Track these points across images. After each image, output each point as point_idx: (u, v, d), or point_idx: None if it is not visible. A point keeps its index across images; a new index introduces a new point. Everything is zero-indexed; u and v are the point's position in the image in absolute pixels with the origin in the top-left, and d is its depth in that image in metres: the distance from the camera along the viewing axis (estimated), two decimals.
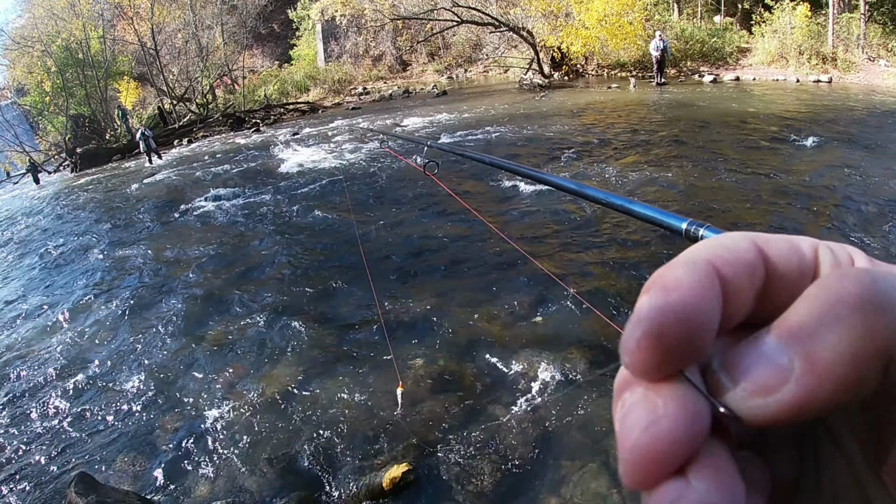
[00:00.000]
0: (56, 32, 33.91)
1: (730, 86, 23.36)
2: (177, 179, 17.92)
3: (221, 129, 30.43)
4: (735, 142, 13.22)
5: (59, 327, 8.41)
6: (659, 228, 0.99)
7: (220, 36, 38.41)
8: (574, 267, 6.41)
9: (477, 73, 37.90)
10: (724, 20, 28.76)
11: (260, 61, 46.25)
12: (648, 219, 1.05)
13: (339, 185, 13.22)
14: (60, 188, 23.16)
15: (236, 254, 10.06)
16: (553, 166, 12.41)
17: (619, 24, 26.60)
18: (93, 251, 11.74)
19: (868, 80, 22.27)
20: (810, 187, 9.88)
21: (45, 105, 34.65)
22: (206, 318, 7.78)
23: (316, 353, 6.43)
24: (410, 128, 19.96)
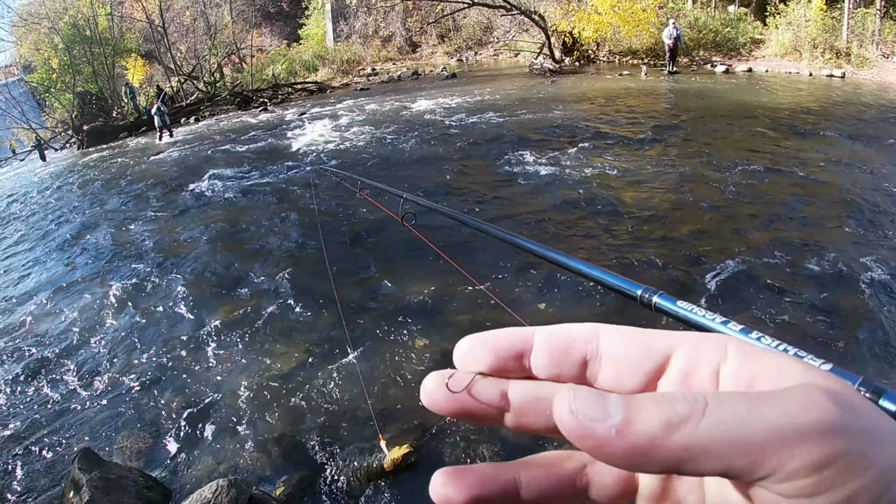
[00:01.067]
0: (63, 9, 33.71)
1: (742, 77, 23.21)
2: (183, 158, 17.88)
3: (229, 108, 30.32)
4: (746, 134, 13.14)
5: (63, 305, 8.44)
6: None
7: (229, 14, 38.22)
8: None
9: (487, 56, 37.70)
10: (739, 10, 28.48)
11: (268, 40, 46.03)
12: (605, 283, 1.08)
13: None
14: (67, 165, 23.14)
15: (241, 233, 10.05)
16: (562, 154, 12.32)
17: (632, 11, 26.40)
18: (98, 229, 11.73)
19: (881, 76, 22.05)
20: (820, 183, 9.83)
21: (52, 82, 34.50)
22: (210, 297, 7.78)
23: (320, 336, 6.44)
24: (419, 111, 19.89)
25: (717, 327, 0.67)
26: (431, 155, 13.52)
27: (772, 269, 6.87)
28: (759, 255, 7.17)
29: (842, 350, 5.28)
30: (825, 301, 6.13)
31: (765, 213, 8.59)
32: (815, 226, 8.15)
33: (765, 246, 7.46)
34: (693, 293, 6.39)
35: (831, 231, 7.92)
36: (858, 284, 6.43)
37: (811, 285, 6.50)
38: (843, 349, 5.29)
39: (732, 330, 0.64)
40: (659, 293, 0.84)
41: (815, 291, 6.35)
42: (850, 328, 5.59)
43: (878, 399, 0.48)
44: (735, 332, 0.62)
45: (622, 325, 0.42)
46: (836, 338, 5.47)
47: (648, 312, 0.79)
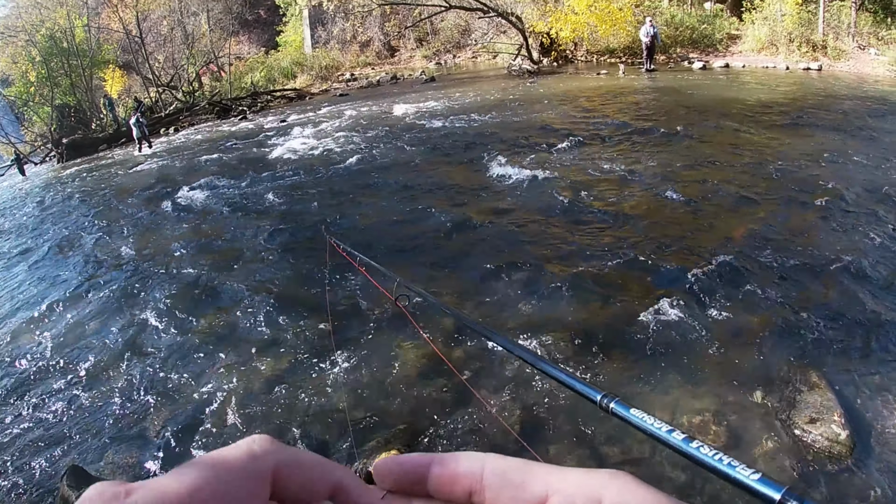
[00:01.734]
0: (40, 21, 33.54)
1: (719, 73, 23.35)
2: (163, 169, 17.80)
3: (208, 117, 30.23)
4: (724, 129, 13.21)
5: (46, 320, 8.34)
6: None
7: (206, 22, 38.16)
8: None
9: (465, 58, 37.79)
10: (715, 6, 28.66)
11: (246, 48, 45.97)
12: (569, 386, 1.19)
13: (318, 178, 13.17)
14: (47, 179, 22.99)
15: (223, 243, 9.99)
16: (541, 154, 12.34)
17: (608, 10, 26.54)
18: (80, 243, 11.65)
19: (858, 68, 22.24)
20: (799, 175, 9.88)
21: (30, 95, 34.29)
22: (194, 309, 7.72)
23: (303, 344, 6.41)
24: (399, 115, 19.86)
25: (662, 435, 0.78)
26: (409, 160, 13.51)
27: (751, 264, 6.89)
28: (739, 252, 7.18)
29: (819, 349, 5.31)
30: (806, 296, 6.15)
31: (745, 209, 8.61)
32: (796, 220, 8.17)
33: (744, 242, 7.47)
34: (674, 290, 6.41)
35: (812, 225, 7.95)
36: (839, 279, 6.46)
37: (791, 280, 6.52)
38: (818, 347, 5.32)
39: (675, 439, 0.75)
40: (615, 399, 0.94)
41: (796, 287, 6.37)
42: (827, 327, 5.61)
43: None
44: (679, 440, 0.74)
45: (509, 460, 0.46)
46: (811, 336, 5.49)
47: None
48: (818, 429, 4.24)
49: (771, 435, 4.31)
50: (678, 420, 4.53)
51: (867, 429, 4.31)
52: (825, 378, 4.74)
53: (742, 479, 0.63)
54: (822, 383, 4.66)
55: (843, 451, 4.09)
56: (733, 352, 5.27)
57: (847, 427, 4.22)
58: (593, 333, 5.79)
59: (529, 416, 4.90)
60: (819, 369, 4.89)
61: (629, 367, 5.24)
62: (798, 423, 4.33)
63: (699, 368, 5.09)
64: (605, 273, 7.05)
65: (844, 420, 4.27)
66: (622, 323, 5.94)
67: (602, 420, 4.59)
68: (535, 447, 4.60)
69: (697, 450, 0.70)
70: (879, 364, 5.01)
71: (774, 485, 0.59)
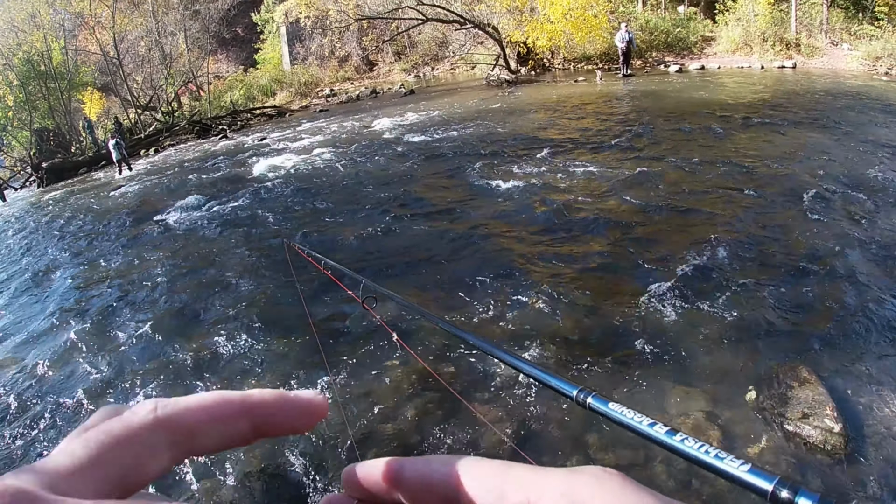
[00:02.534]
0: (17, 45, 33.42)
1: (695, 75, 23.55)
2: (144, 191, 17.71)
3: (188, 137, 30.09)
4: (701, 130, 13.31)
5: (30, 348, 8.23)
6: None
7: (184, 42, 38.08)
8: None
9: (444, 70, 37.90)
10: (688, 10, 28.95)
11: (225, 66, 45.96)
12: (543, 382, 1.14)
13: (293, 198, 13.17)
14: (28, 204, 22.81)
15: (204, 264, 9.93)
16: (522, 163, 12.37)
17: (583, 18, 26.71)
18: (61, 269, 11.56)
19: (832, 64, 22.54)
20: (780, 172, 9.96)
21: (9, 120, 34.16)
22: (178, 331, 7.66)
23: (292, 363, 6.38)
24: (379, 129, 19.87)
25: (644, 429, 0.74)
26: (390, 174, 13.51)
27: (736, 263, 6.93)
28: (724, 251, 7.21)
29: (801, 343, 5.35)
30: (791, 293, 6.18)
31: (728, 208, 8.65)
32: (779, 217, 8.21)
33: (729, 241, 7.49)
34: (660, 292, 6.44)
35: (796, 221, 8.00)
36: (824, 274, 6.51)
37: (772, 277, 6.56)
38: (807, 343, 5.36)
39: (658, 432, 0.72)
40: (593, 394, 0.91)
41: (781, 283, 6.40)
42: (814, 321, 5.65)
43: (795, 497, 0.52)
44: (662, 433, 0.71)
45: (486, 464, 0.43)
46: (799, 332, 5.53)
47: None
48: (811, 423, 4.26)
49: (764, 432, 4.34)
50: (671, 420, 4.54)
51: (860, 421, 4.34)
52: (815, 373, 4.77)
53: (731, 471, 0.60)
54: (812, 378, 4.68)
55: (838, 444, 4.11)
56: (723, 351, 5.30)
57: (840, 420, 4.24)
58: (582, 338, 5.83)
59: (509, 412, 4.93)
60: (809, 364, 4.92)
61: (619, 369, 5.25)
62: (791, 419, 4.35)
63: (690, 369, 5.13)
64: (590, 278, 7.08)
65: (837, 413, 4.29)
66: (610, 326, 5.97)
67: (584, 415, 4.62)
68: (521, 446, 4.63)
69: (682, 443, 0.67)
70: (869, 356, 5.05)
71: (765, 475, 0.57)
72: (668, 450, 0.70)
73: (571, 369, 5.35)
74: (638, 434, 0.76)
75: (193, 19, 40.16)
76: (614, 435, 4.48)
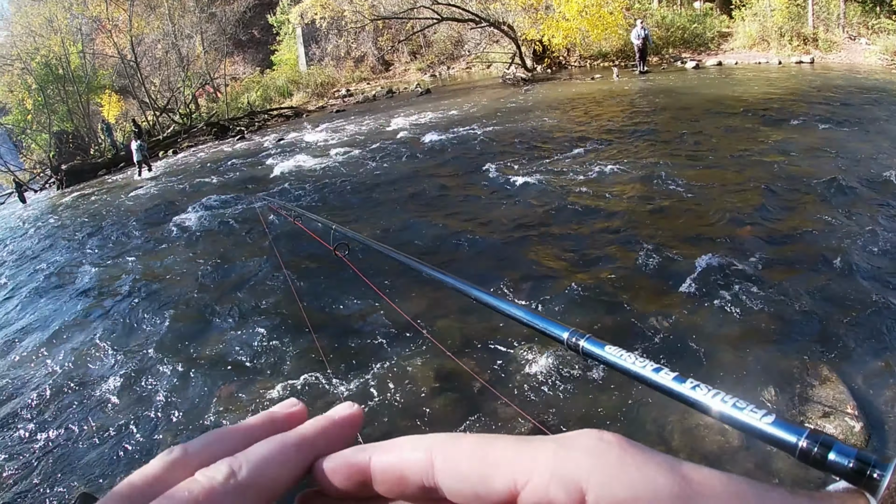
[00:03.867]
0: (35, 49, 33.69)
1: (712, 71, 23.38)
2: (162, 192, 17.82)
3: (206, 139, 30.34)
4: (720, 127, 13.21)
5: (49, 347, 8.29)
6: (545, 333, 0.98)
7: (201, 44, 38.28)
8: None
9: (460, 69, 37.87)
10: (704, 6, 28.78)
11: (241, 68, 46.14)
12: (531, 325, 1.05)
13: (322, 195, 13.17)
14: (47, 206, 23.02)
15: (226, 267, 9.93)
16: (538, 161, 12.32)
17: (599, 15, 26.58)
18: (80, 269, 11.63)
19: (850, 59, 22.33)
20: (796, 168, 9.87)
21: (28, 123, 34.47)
22: (199, 334, 7.68)
23: (310, 364, 6.36)
24: (395, 129, 19.89)
25: (647, 375, 0.66)
26: (407, 173, 13.51)
27: (756, 261, 6.87)
28: (744, 249, 7.15)
29: (822, 341, 5.28)
30: (813, 291, 6.10)
31: (748, 205, 8.53)
32: (801, 214, 8.13)
33: (750, 239, 7.43)
34: (680, 291, 6.41)
35: (817, 218, 7.90)
36: (844, 272, 6.42)
37: (793, 275, 6.49)
38: (828, 341, 5.30)
39: (665, 378, 0.62)
40: (587, 337, 0.82)
41: (802, 281, 6.33)
42: (835, 320, 5.57)
43: (828, 452, 0.44)
44: (668, 379, 0.61)
45: (463, 443, 0.40)
46: (820, 330, 5.46)
47: None
48: (832, 422, 4.24)
49: None
50: (687, 420, 4.50)
51: (881, 419, 4.30)
52: (836, 371, 4.74)
53: (752, 423, 0.52)
54: (833, 377, 4.65)
55: (859, 444, 4.03)
56: (743, 349, 5.27)
57: (861, 419, 4.21)
58: (598, 336, 5.77)
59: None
60: (830, 363, 4.89)
61: None
62: (811, 418, 4.33)
63: (709, 366, 5.11)
64: (607, 275, 7.05)
65: (858, 412, 4.26)
66: (628, 323, 5.95)
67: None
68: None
69: (693, 390, 0.58)
70: (891, 355, 5.01)
71: (793, 427, 0.49)
72: (678, 399, 0.60)
73: (582, 369, 5.32)
74: (640, 381, 0.68)
75: (210, 22, 40.36)
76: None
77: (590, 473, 0.34)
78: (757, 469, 3.98)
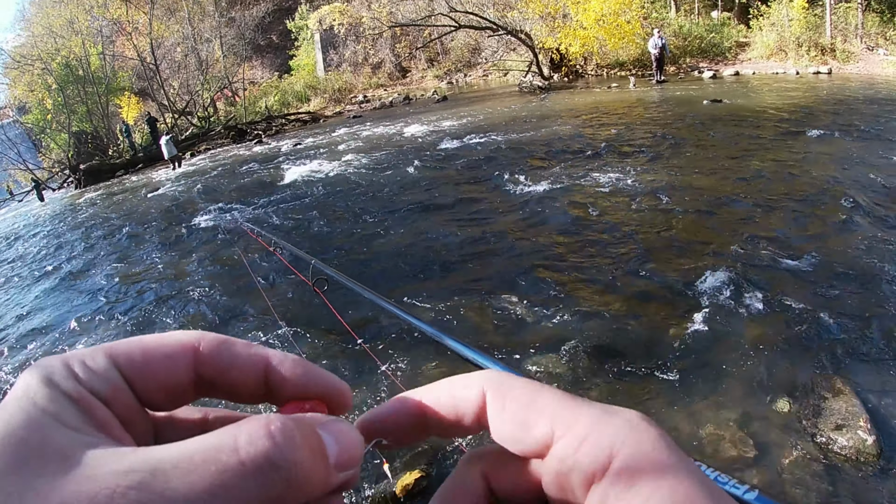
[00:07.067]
0: (56, 50, 34.01)
1: (730, 81, 23.36)
2: (180, 193, 17.94)
3: (224, 142, 30.57)
4: (738, 137, 13.19)
5: (65, 345, 8.36)
6: None
7: (220, 49, 38.54)
8: None
9: (476, 77, 37.97)
10: (722, 15, 28.82)
11: (260, 73, 46.43)
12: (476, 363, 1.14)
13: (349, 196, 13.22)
14: (65, 205, 23.20)
15: (237, 268, 9.94)
16: (556, 171, 12.33)
17: (616, 24, 26.64)
18: (98, 268, 11.72)
19: (867, 69, 22.30)
20: (817, 181, 9.82)
21: (48, 123, 34.76)
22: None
23: (322, 363, 6.35)
24: (412, 136, 20.01)
25: None
26: (423, 180, 13.53)
27: (771, 272, 6.83)
28: (759, 260, 7.12)
29: (836, 354, 5.24)
30: (826, 303, 6.06)
31: (764, 217, 8.48)
32: (816, 226, 8.06)
33: (765, 250, 7.37)
34: (694, 301, 6.39)
35: (832, 230, 7.84)
36: (858, 284, 6.37)
37: (806, 288, 6.43)
38: (841, 353, 5.26)
39: None
40: None
41: (816, 293, 6.28)
42: (849, 332, 5.52)
43: None
44: None
45: (515, 382, 0.40)
46: (833, 342, 5.41)
47: None
48: (844, 435, 4.22)
49: (797, 444, 4.29)
50: (701, 432, 4.52)
51: (894, 434, 4.29)
52: (849, 384, 4.73)
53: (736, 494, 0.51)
54: (846, 389, 4.64)
55: (871, 458, 4.07)
56: (755, 361, 5.25)
57: (873, 432, 4.20)
58: (612, 348, 5.81)
59: None
60: (843, 375, 4.88)
61: (648, 378, 5.25)
62: (823, 431, 4.31)
63: (721, 378, 5.10)
64: (619, 286, 7.06)
65: (871, 425, 4.25)
66: (641, 336, 5.95)
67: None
68: None
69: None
70: None
71: (769, 502, 0.49)
72: None
73: (598, 379, 5.35)
74: None
75: (229, 26, 40.66)
76: None
77: (624, 444, 0.34)
78: (768, 487, 4.01)
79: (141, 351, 0.39)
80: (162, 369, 0.39)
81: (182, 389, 0.40)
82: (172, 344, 0.40)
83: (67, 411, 0.33)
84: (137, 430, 0.38)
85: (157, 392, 0.39)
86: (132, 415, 0.38)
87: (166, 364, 0.39)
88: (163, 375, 0.39)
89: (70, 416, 0.33)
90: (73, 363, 0.36)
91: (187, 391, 0.41)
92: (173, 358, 0.40)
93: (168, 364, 0.39)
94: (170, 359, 0.40)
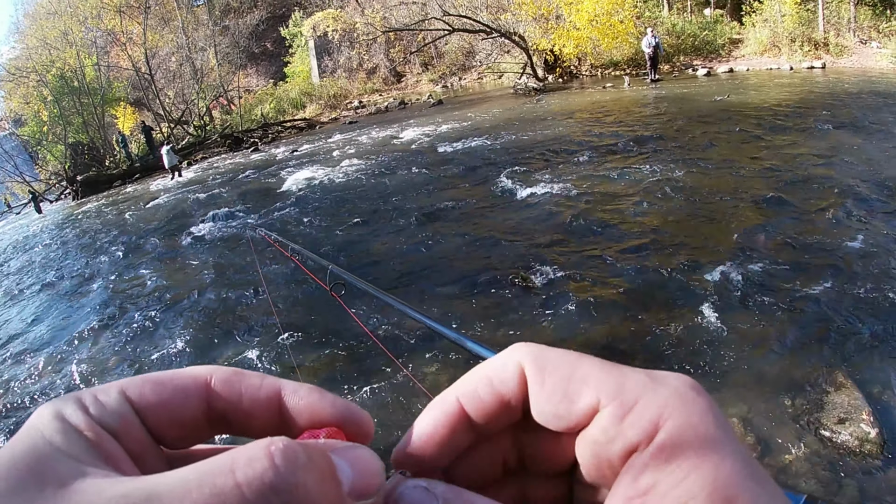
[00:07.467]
0: (50, 62, 34.07)
1: (724, 78, 23.37)
2: (177, 203, 17.91)
3: (220, 150, 30.59)
4: (733, 134, 13.21)
5: (64, 356, 8.32)
6: None
7: (214, 57, 38.60)
8: None
9: (471, 80, 37.97)
10: (715, 13, 28.80)
11: (255, 80, 46.46)
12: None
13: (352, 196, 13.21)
14: (63, 217, 23.19)
15: (238, 278, 9.95)
16: (553, 172, 12.34)
17: (609, 24, 26.68)
18: (96, 279, 11.70)
19: (861, 62, 22.35)
20: (811, 175, 9.84)
21: (44, 134, 34.71)
22: (211, 346, 7.70)
23: (326, 374, 6.37)
24: (408, 140, 20.00)
25: None
26: (421, 184, 13.52)
27: (770, 268, 6.82)
28: (758, 256, 7.11)
29: (838, 348, 5.25)
30: (827, 297, 6.07)
31: (762, 213, 8.47)
32: (815, 221, 8.04)
33: (764, 246, 7.38)
34: (694, 298, 6.39)
35: (831, 225, 7.83)
36: (857, 278, 6.39)
37: (807, 283, 6.42)
38: (843, 347, 5.27)
39: None
40: None
41: (816, 288, 6.27)
42: (850, 327, 5.51)
43: None
44: None
45: (555, 356, 0.39)
46: (835, 336, 5.42)
47: None
48: (847, 429, 4.23)
49: (800, 438, 4.30)
50: None
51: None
52: (851, 378, 4.74)
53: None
54: (848, 383, 4.65)
55: (874, 450, 4.08)
56: (758, 356, 5.28)
57: (876, 425, 4.21)
58: (615, 346, 5.84)
59: None
60: (845, 369, 4.89)
61: None
62: (827, 425, 4.32)
63: (724, 374, 5.11)
64: (621, 285, 7.06)
65: (874, 419, 4.26)
66: (642, 332, 5.97)
67: None
68: None
69: None
70: None
71: (793, 496, 0.48)
72: None
73: None
74: None
75: (223, 35, 40.77)
76: None
77: (671, 414, 0.33)
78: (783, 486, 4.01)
79: (153, 386, 0.39)
80: (174, 403, 0.39)
81: (196, 424, 0.40)
82: (184, 378, 0.40)
83: (73, 443, 0.33)
84: (148, 464, 0.38)
85: (171, 427, 0.40)
86: (143, 449, 0.38)
87: (178, 398, 0.40)
88: (175, 409, 0.39)
89: (75, 447, 0.33)
90: (85, 398, 0.37)
91: (201, 426, 0.41)
92: (185, 392, 0.40)
93: (180, 398, 0.40)
94: (182, 392, 0.40)
